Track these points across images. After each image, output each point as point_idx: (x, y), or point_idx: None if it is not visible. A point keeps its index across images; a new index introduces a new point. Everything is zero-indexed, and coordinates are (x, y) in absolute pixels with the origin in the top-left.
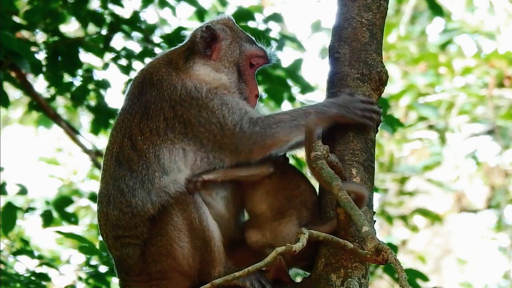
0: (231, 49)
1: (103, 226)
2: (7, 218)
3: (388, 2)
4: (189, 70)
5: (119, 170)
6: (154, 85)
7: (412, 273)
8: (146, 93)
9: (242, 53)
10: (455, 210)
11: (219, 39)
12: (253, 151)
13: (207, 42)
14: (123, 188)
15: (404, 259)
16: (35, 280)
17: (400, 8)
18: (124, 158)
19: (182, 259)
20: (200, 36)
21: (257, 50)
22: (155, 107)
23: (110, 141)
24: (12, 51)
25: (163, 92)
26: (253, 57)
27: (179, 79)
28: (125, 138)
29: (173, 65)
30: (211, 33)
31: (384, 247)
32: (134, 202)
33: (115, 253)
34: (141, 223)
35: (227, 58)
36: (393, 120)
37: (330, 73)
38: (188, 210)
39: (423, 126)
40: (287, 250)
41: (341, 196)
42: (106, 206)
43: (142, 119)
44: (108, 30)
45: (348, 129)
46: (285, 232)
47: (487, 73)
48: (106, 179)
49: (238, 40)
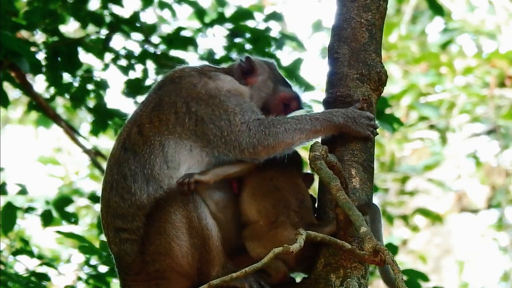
0: (265, 85)
1: (104, 215)
2: (7, 218)
3: (388, 2)
4: (215, 77)
5: (124, 155)
6: (173, 81)
7: (413, 273)
8: (164, 87)
9: (276, 92)
10: (455, 210)
11: (256, 72)
12: (257, 150)
13: (244, 72)
14: (126, 172)
15: (404, 259)
16: (35, 280)
17: (401, 7)
18: (130, 143)
19: (181, 258)
20: (238, 65)
21: (291, 93)
22: (169, 100)
23: (121, 131)
24: (12, 51)
25: (181, 88)
26: (286, 99)
27: (201, 80)
28: (134, 126)
29: (202, 72)
30: (250, 65)
31: (382, 248)
32: (133, 188)
33: (114, 248)
34: (137, 216)
35: (259, 93)
36: (393, 119)
37: (330, 73)
38: (187, 208)
39: (424, 125)
40: (284, 251)
41: (340, 196)
42: (108, 193)
43: (154, 109)
44: (107, 30)
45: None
46: (284, 240)
47: (488, 72)
48: (111, 166)
49: (274, 79)
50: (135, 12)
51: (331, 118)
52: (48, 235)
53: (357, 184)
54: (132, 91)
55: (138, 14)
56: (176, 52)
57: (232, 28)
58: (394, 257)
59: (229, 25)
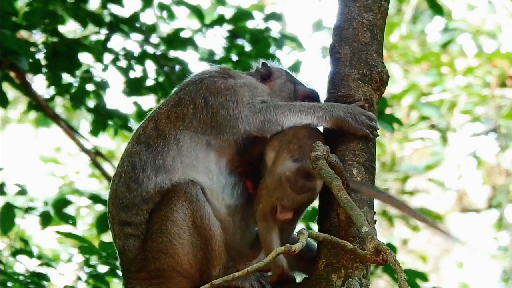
0: (285, 86)
1: (111, 208)
2: (6, 218)
3: (389, 2)
4: (235, 75)
5: (137, 147)
6: (195, 82)
7: (412, 273)
8: (186, 88)
9: (296, 91)
10: (456, 209)
11: (274, 76)
12: (263, 126)
13: (262, 77)
14: (136, 162)
15: (404, 258)
16: (34, 281)
17: (402, 7)
18: (144, 137)
19: (182, 257)
20: (256, 69)
21: (310, 91)
22: (189, 97)
23: (137, 127)
24: (11, 50)
25: (202, 86)
26: (306, 96)
27: (223, 79)
28: (151, 121)
29: (222, 72)
30: (267, 70)
31: (384, 248)
32: (141, 177)
33: (118, 243)
34: (141, 210)
35: (281, 93)
36: (393, 119)
37: (331, 73)
38: (190, 207)
39: (424, 125)
40: (286, 250)
41: (341, 196)
42: (116, 183)
43: (173, 107)
44: (107, 30)
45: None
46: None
47: (489, 72)
48: (122, 159)
49: (292, 81)
50: (134, 12)
51: (332, 109)
52: (49, 235)
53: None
54: (132, 91)
55: (137, 14)
56: (175, 52)
57: (231, 29)
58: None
59: (229, 26)
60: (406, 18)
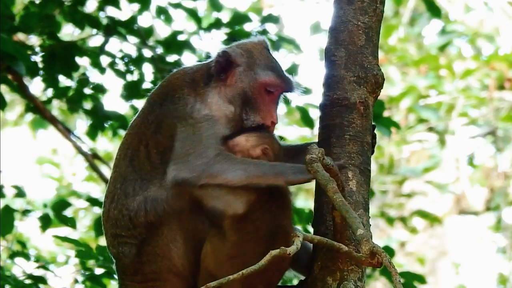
0: (243, 76)
1: (104, 223)
2: (5, 221)
3: (384, 5)
4: (204, 95)
5: (131, 173)
6: (173, 102)
7: (410, 275)
8: (166, 106)
9: (255, 80)
10: (454, 212)
11: (234, 65)
12: (201, 177)
13: (223, 67)
14: (129, 191)
15: (403, 261)
16: (31, 283)
17: (399, 10)
18: (138, 164)
19: (177, 260)
20: (215, 61)
21: (272, 78)
22: (168, 122)
23: (125, 139)
24: (8, 54)
25: (179, 109)
26: (268, 85)
27: (195, 102)
28: (141, 145)
29: (194, 86)
30: (227, 59)
31: (379, 250)
32: (132, 206)
33: (112, 250)
34: (138, 227)
35: (238, 85)
36: (390, 122)
37: (326, 76)
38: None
39: (423, 128)
40: (281, 253)
41: (337, 199)
42: (109, 204)
43: (156, 131)
44: (104, 33)
45: (345, 132)
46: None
47: (488, 75)
48: (115, 177)
49: (253, 67)
50: (132, 16)
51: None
52: (47, 237)
53: (354, 186)
54: (130, 94)
55: (135, 17)
56: (173, 56)
57: (229, 32)
58: (391, 259)
59: (226, 30)
60: (404, 21)
